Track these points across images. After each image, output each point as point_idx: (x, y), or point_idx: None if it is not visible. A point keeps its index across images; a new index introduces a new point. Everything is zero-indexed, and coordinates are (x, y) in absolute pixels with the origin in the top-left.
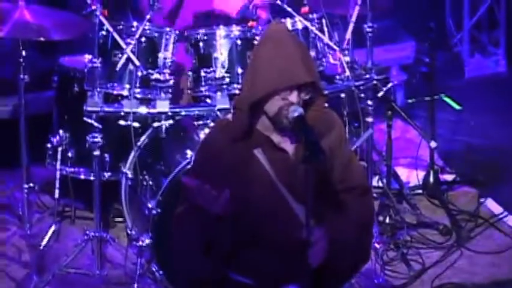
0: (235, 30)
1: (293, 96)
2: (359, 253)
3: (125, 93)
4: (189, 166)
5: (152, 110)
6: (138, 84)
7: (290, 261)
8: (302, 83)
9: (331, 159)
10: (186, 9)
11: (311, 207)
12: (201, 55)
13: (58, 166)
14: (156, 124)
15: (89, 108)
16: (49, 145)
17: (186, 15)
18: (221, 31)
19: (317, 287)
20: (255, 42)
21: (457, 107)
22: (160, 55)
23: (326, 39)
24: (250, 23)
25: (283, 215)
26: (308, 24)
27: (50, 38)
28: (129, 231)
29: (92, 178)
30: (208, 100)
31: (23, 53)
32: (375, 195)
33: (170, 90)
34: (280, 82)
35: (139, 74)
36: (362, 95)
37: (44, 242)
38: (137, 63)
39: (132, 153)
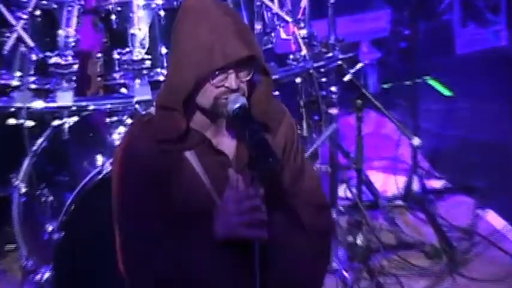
0: None
1: (230, 81)
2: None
3: (15, 83)
4: (100, 176)
5: (51, 104)
6: (32, 72)
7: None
8: (238, 60)
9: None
10: None
11: None
12: (113, 32)
13: None
14: (56, 122)
15: None
16: None
17: None
18: (139, 0)
19: None
20: None
21: (447, 92)
22: (61, 33)
23: (275, 7)
24: None
25: None
26: None
27: None
28: (24, 262)
29: None
30: (123, 90)
31: None
32: (341, 209)
33: (74, 78)
34: (209, 63)
35: (34, 57)
36: (323, 79)
37: None
38: (31, 43)
39: (26, 161)
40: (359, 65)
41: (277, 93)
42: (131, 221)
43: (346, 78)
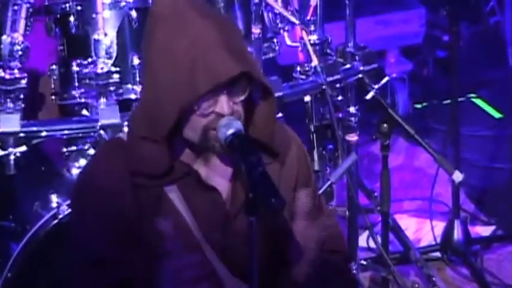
0: None
1: (221, 105)
2: None
3: None
4: (55, 221)
5: None
6: None
7: None
8: (229, 80)
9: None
10: None
11: (258, 283)
12: (72, 37)
13: None
14: None
15: None
16: None
17: None
18: None
19: None
20: None
21: (497, 114)
22: (5, 39)
23: (278, 7)
24: None
25: (210, 285)
26: None
27: None
28: None
29: None
30: (85, 112)
31: None
32: (363, 262)
33: (22, 97)
34: (193, 89)
35: None
36: (339, 97)
37: None
38: None
39: None
40: (385, 80)
41: (280, 115)
42: (83, 273)
43: (369, 96)
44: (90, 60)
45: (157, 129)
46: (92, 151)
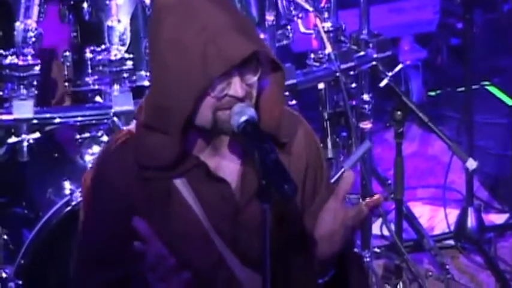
0: None
1: (234, 87)
2: None
3: None
4: (68, 208)
5: (6, 117)
6: None
7: None
8: (242, 61)
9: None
10: None
11: (270, 271)
12: (85, 24)
13: None
14: (12, 140)
15: None
16: None
17: None
18: None
19: None
20: None
21: (511, 101)
22: (18, 25)
23: None
24: None
25: (221, 276)
26: None
27: None
28: None
29: None
30: (98, 98)
31: None
32: (376, 250)
33: (35, 84)
34: (205, 73)
35: None
36: (353, 85)
37: None
38: None
39: None
40: (399, 67)
41: (294, 102)
42: (89, 268)
43: (383, 83)
44: (103, 47)
45: (170, 120)
46: (105, 138)
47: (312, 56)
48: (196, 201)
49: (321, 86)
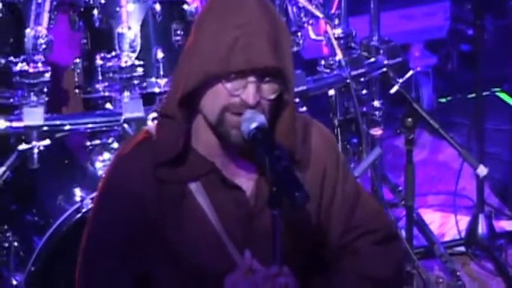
0: None
1: (248, 92)
2: None
3: None
4: (79, 215)
5: (16, 124)
6: None
7: None
8: (262, 69)
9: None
10: None
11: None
12: (96, 31)
13: None
14: (23, 147)
15: None
16: None
17: None
18: None
19: None
20: (186, 7)
21: None
22: (29, 32)
23: (303, 0)
24: None
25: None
26: None
27: None
28: None
29: None
30: (108, 105)
31: None
32: None
33: (46, 90)
34: (226, 61)
35: None
36: (364, 91)
37: None
38: None
39: None
40: (409, 74)
41: (304, 109)
42: (97, 263)
43: (393, 90)
44: (114, 53)
45: (173, 99)
46: (115, 145)
47: (323, 62)
48: (210, 206)
49: (331, 92)
